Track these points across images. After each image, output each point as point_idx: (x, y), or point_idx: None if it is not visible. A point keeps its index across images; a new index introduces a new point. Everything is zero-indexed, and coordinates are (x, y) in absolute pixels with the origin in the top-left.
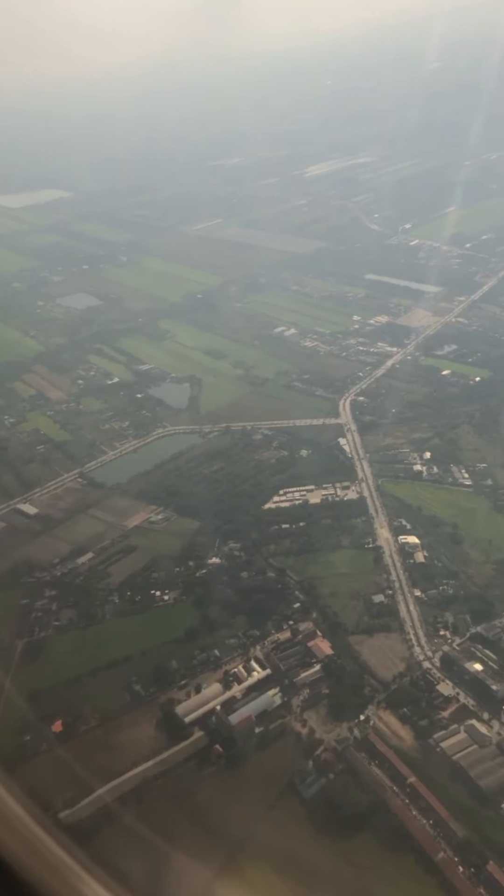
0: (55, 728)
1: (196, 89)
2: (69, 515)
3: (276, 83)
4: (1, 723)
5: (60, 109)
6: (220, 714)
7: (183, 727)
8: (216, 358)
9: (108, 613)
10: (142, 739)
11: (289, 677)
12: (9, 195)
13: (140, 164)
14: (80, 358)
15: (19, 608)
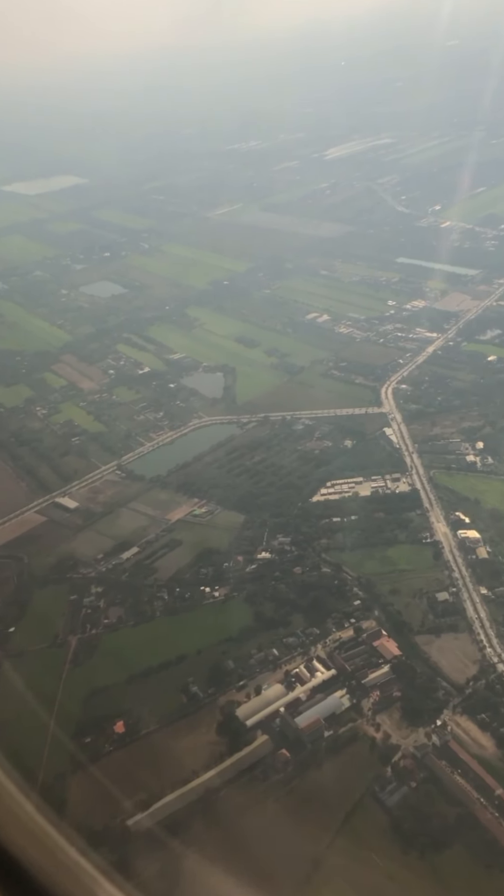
0: (117, 729)
1: (206, 72)
2: (110, 509)
3: (287, 64)
4: (62, 722)
5: (71, 95)
6: (284, 716)
7: (245, 731)
8: (248, 346)
9: (157, 611)
10: (203, 744)
11: (356, 678)
12: (24, 182)
13: (155, 149)
14: (109, 347)
15: (69, 604)
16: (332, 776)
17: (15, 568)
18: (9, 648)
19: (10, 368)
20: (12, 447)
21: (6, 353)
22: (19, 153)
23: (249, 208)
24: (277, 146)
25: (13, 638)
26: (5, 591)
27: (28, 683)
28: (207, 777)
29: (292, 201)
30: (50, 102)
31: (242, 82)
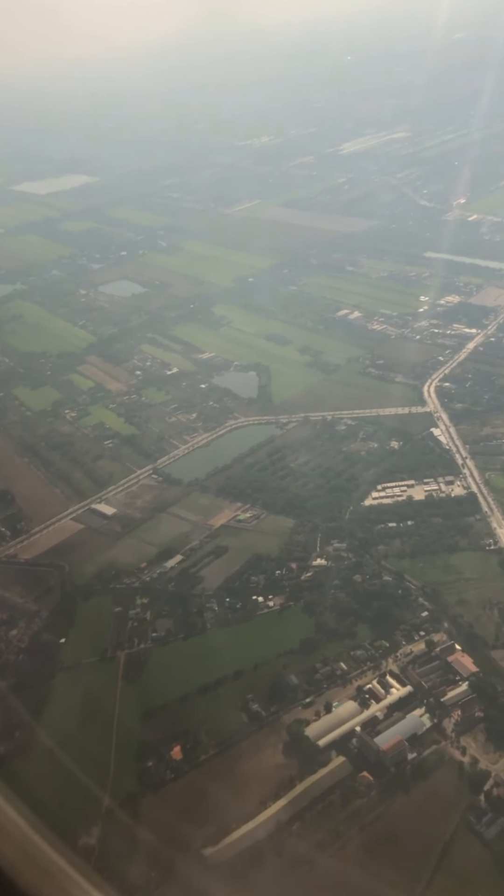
0: (174, 754)
1: (213, 68)
2: (149, 515)
3: (292, 60)
4: (119, 745)
5: (78, 93)
6: (362, 736)
7: (317, 752)
8: (280, 344)
9: (207, 623)
10: (271, 767)
11: (434, 696)
12: (34, 181)
13: (166, 146)
14: (134, 347)
15: (114, 617)
16: (420, 804)
17: (57, 577)
18: (62, 661)
19: (35, 370)
20: (44, 452)
21: (30, 355)
22: (26, 153)
23: (268, 204)
24: (290, 142)
25: (64, 650)
26: (51, 602)
27: (84, 700)
28: (281, 804)
29: (311, 197)
30: (53, 103)
31: (248, 79)
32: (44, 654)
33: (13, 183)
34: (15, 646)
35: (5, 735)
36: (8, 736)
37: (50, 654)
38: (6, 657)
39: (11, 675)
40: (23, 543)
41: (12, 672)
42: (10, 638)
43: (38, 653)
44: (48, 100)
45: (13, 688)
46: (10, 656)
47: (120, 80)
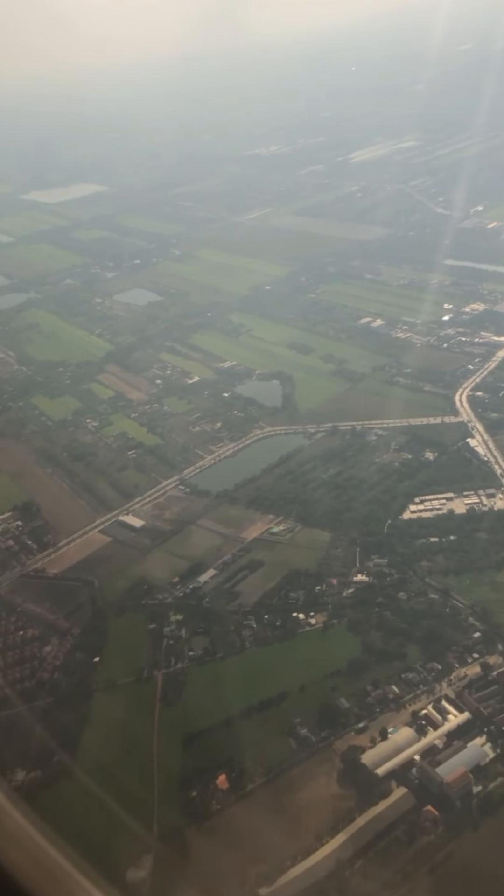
0: (220, 784)
1: (217, 78)
2: (178, 527)
3: (297, 70)
4: (161, 773)
5: (81, 103)
6: (424, 766)
7: (376, 782)
8: (302, 352)
9: (247, 641)
10: (326, 798)
11: (494, 724)
12: (42, 191)
13: (173, 156)
14: (153, 356)
15: (148, 635)
16: (491, 843)
17: (87, 593)
18: (99, 681)
19: (54, 379)
20: (66, 462)
21: (49, 364)
22: (33, 162)
23: (280, 212)
24: (299, 150)
25: (100, 669)
26: (82, 618)
27: (123, 723)
28: (341, 840)
29: (323, 205)
30: (57, 113)
31: (253, 89)
32: (79, 673)
33: (22, 192)
34: (50, 663)
35: (45, 758)
36: (47, 759)
37: (85, 673)
38: (41, 675)
39: (49, 695)
40: (50, 557)
41: (49, 691)
42: (45, 655)
43: (73, 672)
44: (52, 110)
45: (52, 708)
46: (45, 674)
47: (124, 91)
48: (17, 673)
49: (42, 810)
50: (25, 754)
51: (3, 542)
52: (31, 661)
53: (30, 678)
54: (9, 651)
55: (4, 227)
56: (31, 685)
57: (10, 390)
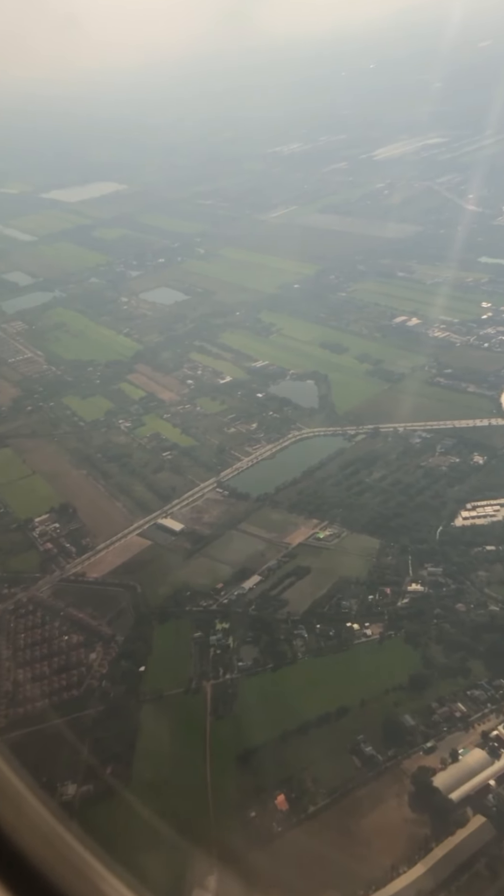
0: (279, 804)
1: (232, 78)
2: (219, 531)
3: (318, 67)
4: (216, 791)
5: (98, 105)
6: (501, 794)
7: (451, 808)
8: (336, 352)
9: (298, 651)
10: (398, 823)
11: None
12: (62, 190)
13: (192, 154)
14: (183, 356)
15: (194, 642)
16: None
17: (129, 598)
18: (146, 691)
19: (84, 379)
20: (101, 463)
21: (78, 364)
22: (51, 162)
23: (305, 210)
24: (320, 148)
25: (146, 679)
26: (125, 625)
27: (173, 737)
28: (419, 872)
29: (349, 202)
30: (73, 113)
31: (269, 88)
32: (125, 682)
33: (42, 191)
34: (96, 671)
35: (96, 772)
36: (99, 773)
37: (132, 683)
38: (90, 682)
39: (98, 703)
40: (89, 560)
41: (98, 700)
42: (91, 662)
43: (120, 681)
44: (66, 111)
45: (101, 718)
46: (94, 682)
47: (138, 92)
48: (65, 679)
49: (95, 827)
50: (76, 767)
51: (42, 544)
52: (77, 668)
53: (77, 686)
54: (55, 656)
55: (27, 225)
56: (80, 693)
57: (40, 390)
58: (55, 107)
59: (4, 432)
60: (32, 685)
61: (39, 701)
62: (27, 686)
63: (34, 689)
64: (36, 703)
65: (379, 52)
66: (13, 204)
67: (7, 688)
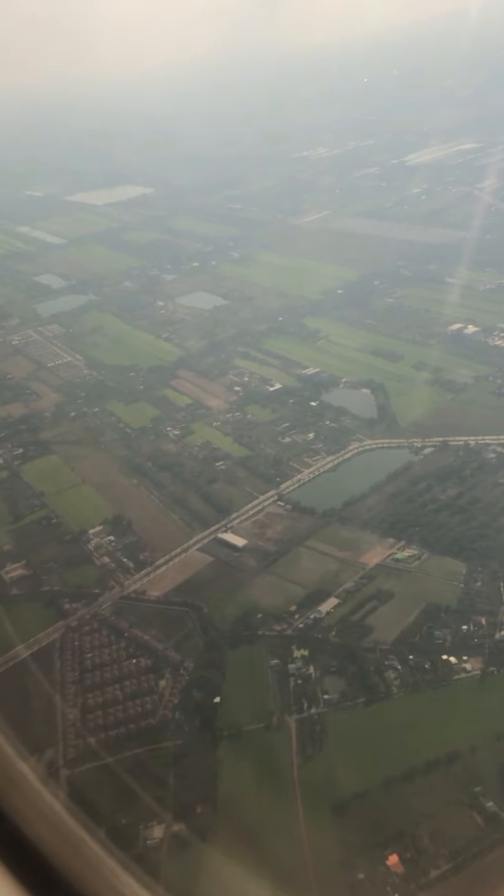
0: (392, 865)
1: (255, 85)
2: (285, 548)
3: (336, 75)
4: (315, 845)
5: (120, 109)
6: None
7: None
8: (391, 360)
9: (391, 686)
10: None
11: None
12: (87, 192)
13: (216, 159)
14: (227, 362)
15: (272, 672)
16: None
17: (196, 620)
18: (222, 726)
19: (126, 385)
20: (152, 473)
21: (118, 369)
22: (72, 166)
23: (340, 215)
24: (349, 153)
25: (222, 711)
26: (195, 650)
27: (259, 779)
28: None
29: (386, 207)
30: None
31: (292, 94)
32: (200, 714)
33: (67, 193)
34: (168, 700)
35: (183, 813)
36: (185, 815)
37: (207, 715)
38: (163, 714)
39: (174, 737)
40: (149, 577)
41: (173, 733)
42: (161, 690)
43: (194, 713)
44: (83, 116)
45: (179, 754)
46: (167, 713)
47: (160, 97)
48: (139, 707)
49: (185, 878)
50: (159, 806)
51: (98, 557)
52: (149, 696)
53: (152, 715)
54: (125, 680)
55: (55, 228)
56: (155, 723)
57: (83, 395)
58: (76, 113)
59: (49, 439)
60: (104, 711)
61: (113, 729)
62: (98, 712)
63: (106, 717)
64: (109, 731)
65: (400, 60)
66: (39, 206)
67: (77, 713)
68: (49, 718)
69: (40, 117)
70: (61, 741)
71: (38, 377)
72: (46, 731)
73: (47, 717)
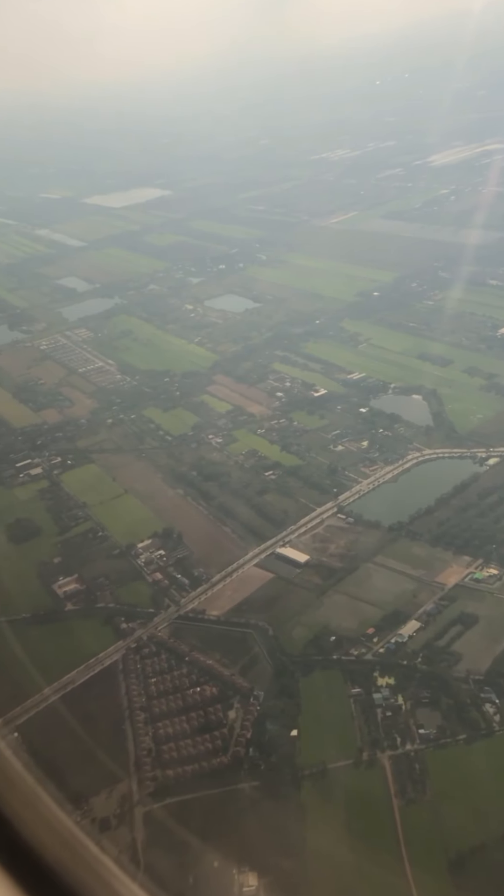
0: None
1: (266, 87)
2: (352, 564)
3: (346, 77)
4: None
5: (132, 108)
6: None
7: None
8: (439, 364)
9: (493, 721)
10: None
11: None
12: (105, 195)
13: (231, 161)
14: (265, 366)
15: (353, 702)
16: None
17: (262, 642)
18: (301, 763)
19: (162, 391)
20: (198, 483)
21: (152, 374)
22: (86, 169)
23: (367, 216)
24: (369, 155)
25: (300, 746)
26: (263, 676)
27: (352, 826)
28: None
29: (414, 208)
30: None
31: (304, 97)
32: (276, 749)
33: (83, 196)
34: (239, 734)
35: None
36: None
37: (284, 751)
38: (235, 750)
39: (249, 776)
40: (206, 595)
41: (249, 772)
42: (231, 722)
43: (269, 747)
44: (94, 118)
45: (258, 796)
46: (239, 749)
47: (166, 99)
48: (209, 743)
49: None
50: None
51: (150, 574)
52: (219, 729)
53: (223, 751)
54: (191, 711)
55: (73, 230)
56: (227, 761)
57: (118, 401)
58: (86, 115)
59: (87, 447)
60: (177, 745)
61: (184, 765)
62: (169, 744)
63: (178, 750)
64: (180, 767)
65: (411, 61)
66: (56, 209)
67: (149, 744)
68: (119, 747)
69: (51, 120)
70: (134, 774)
71: (69, 383)
72: (118, 762)
73: (117, 745)
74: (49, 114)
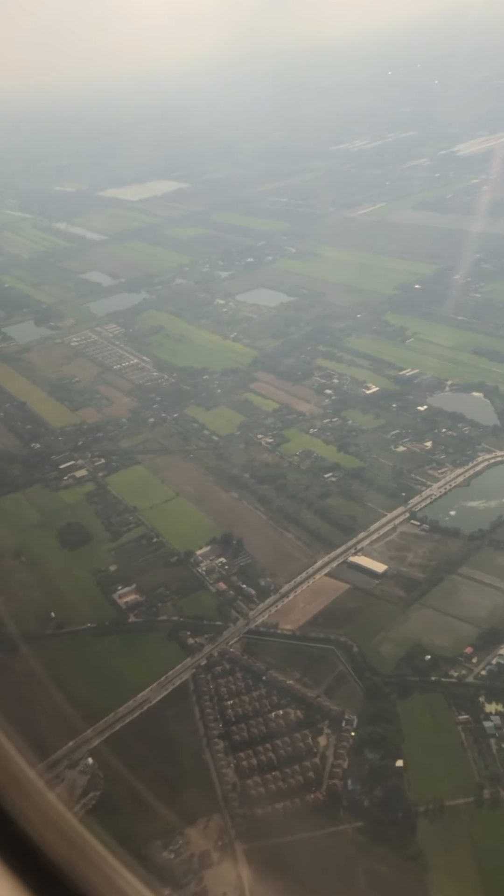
0: None
1: (280, 78)
2: (436, 576)
3: (359, 68)
4: None
5: (141, 101)
6: None
7: None
8: (497, 360)
9: None
10: None
11: None
12: (120, 188)
13: (248, 152)
14: (309, 363)
15: (464, 728)
16: None
17: (346, 660)
18: (413, 799)
19: (203, 389)
20: (252, 485)
21: (190, 371)
22: (99, 162)
23: (396, 206)
24: (390, 145)
25: (409, 779)
26: (353, 698)
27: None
28: None
29: (445, 199)
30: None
31: (318, 87)
32: (380, 783)
33: (98, 189)
34: (334, 764)
35: None
36: None
37: (392, 785)
38: (331, 784)
39: (352, 815)
40: (277, 606)
41: (352, 810)
42: (323, 751)
43: (371, 780)
44: (104, 112)
45: (367, 840)
46: (335, 782)
47: (175, 92)
48: (299, 776)
49: None
50: None
51: (213, 584)
52: (309, 759)
53: (316, 785)
54: (276, 739)
55: (92, 224)
56: (323, 797)
57: (159, 400)
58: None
59: (131, 447)
60: (263, 779)
61: (278, 802)
62: (255, 777)
63: (266, 786)
64: (275, 804)
65: (424, 51)
66: (72, 202)
67: (232, 777)
68: (204, 779)
69: (61, 114)
70: (225, 809)
71: (105, 380)
72: (206, 795)
73: (201, 776)
74: (57, 108)
